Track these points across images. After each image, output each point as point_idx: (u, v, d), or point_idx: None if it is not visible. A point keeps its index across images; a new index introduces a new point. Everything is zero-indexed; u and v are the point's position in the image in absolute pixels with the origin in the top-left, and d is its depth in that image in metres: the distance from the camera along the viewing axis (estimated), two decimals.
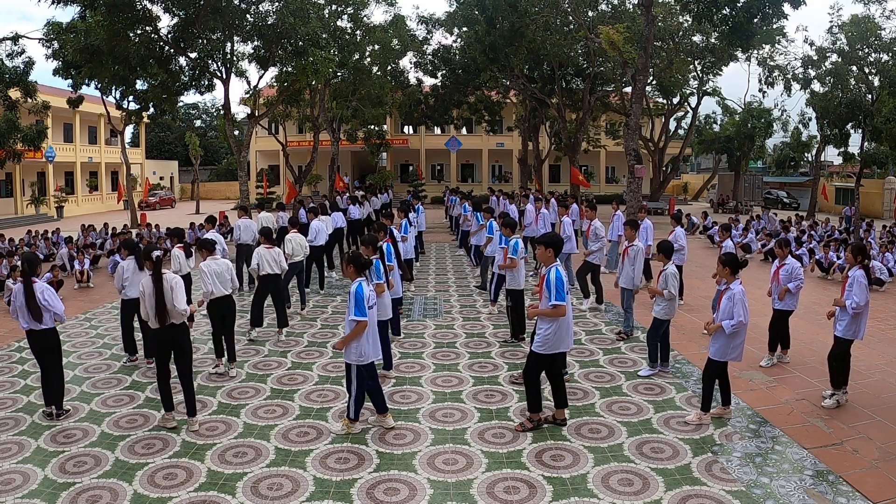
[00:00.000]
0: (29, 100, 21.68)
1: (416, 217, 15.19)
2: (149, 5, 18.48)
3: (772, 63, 29.37)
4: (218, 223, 13.02)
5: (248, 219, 12.85)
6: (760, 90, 36.80)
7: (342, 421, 5.86)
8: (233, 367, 7.50)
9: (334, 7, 25.30)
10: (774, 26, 22.59)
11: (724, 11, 15.95)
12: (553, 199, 18.76)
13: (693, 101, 34.56)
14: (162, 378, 5.96)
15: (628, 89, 25.12)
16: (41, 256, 17.01)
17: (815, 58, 26.21)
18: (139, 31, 18.60)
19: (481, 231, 12.46)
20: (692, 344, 8.47)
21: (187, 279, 8.29)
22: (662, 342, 7.30)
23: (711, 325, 5.94)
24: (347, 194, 22.22)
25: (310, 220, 12.30)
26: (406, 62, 34.45)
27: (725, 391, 6.08)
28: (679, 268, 10.08)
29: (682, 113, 38.73)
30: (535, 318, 5.76)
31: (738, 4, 15.74)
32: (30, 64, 21.34)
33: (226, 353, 7.54)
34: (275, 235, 10.42)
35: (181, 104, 34.17)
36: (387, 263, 7.41)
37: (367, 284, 5.66)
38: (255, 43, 20.55)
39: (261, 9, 20.46)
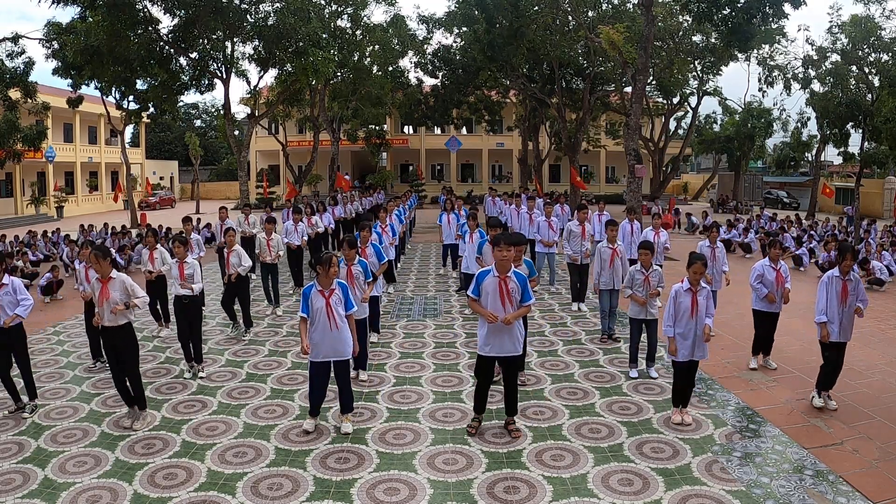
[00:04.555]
0: (29, 100, 21.69)
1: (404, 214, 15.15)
2: (149, 6, 18.50)
3: (772, 63, 29.39)
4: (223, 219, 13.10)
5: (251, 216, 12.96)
6: (760, 90, 36.84)
7: (346, 419, 5.86)
8: (201, 369, 7.48)
9: (334, 7, 25.32)
10: (774, 26, 22.60)
11: (724, 12, 15.94)
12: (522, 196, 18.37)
13: (693, 100, 34.57)
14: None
15: (628, 89, 25.12)
16: (41, 256, 17.03)
17: (816, 57, 26.22)
18: (139, 32, 18.61)
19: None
20: None
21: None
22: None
23: (707, 333, 5.85)
24: (339, 194, 22.19)
25: (296, 220, 12.15)
26: (406, 62, 34.55)
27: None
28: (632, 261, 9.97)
29: (682, 113, 38.72)
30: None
31: (738, 5, 15.73)
32: (30, 64, 21.36)
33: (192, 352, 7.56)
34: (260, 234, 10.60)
35: (181, 104, 34.16)
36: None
37: (316, 285, 5.68)
38: (256, 43, 20.56)
39: (261, 9, 20.47)
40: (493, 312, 5.46)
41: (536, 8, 23.96)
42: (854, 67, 24.58)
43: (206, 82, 21.72)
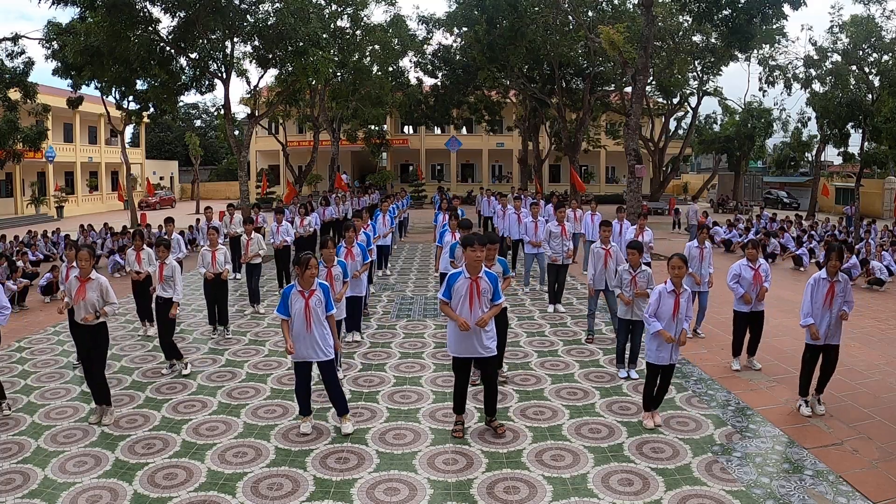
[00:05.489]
0: (29, 101, 21.67)
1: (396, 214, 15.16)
2: (149, 6, 18.46)
3: (772, 63, 29.39)
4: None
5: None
6: (760, 89, 36.81)
7: (344, 419, 5.85)
8: (185, 366, 7.58)
9: (334, 7, 25.29)
10: (774, 26, 22.60)
11: (724, 12, 15.96)
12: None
13: (693, 100, 34.60)
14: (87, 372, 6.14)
15: (628, 89, 25.12)
16: (41, 256, 17.03)
17: (816, 57, 26.22)
18: (139, 32, 18.57)
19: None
20: (693, 344, 8.47)
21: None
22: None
23: (684, 338, 5.78)
24: (335, 194, 22.15)
25: (279, 221, 12.17)
26: (406, 62, 34.46)
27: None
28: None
29: (682, 113, 38.74)
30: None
31: (739, 5, 15.74)
32: (29, 64, 21.33)
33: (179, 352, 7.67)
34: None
35: (181, 104, 34.17)
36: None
37: (296, 286, 5.69)
38: (256, 43, 20.53)
39: (261, 9, 20.43)
40: (463, 314, 5.48)
41: (536, 8, 23.95)
42: (854, 67, 24.57)
43: (207, 82, 21.66)
